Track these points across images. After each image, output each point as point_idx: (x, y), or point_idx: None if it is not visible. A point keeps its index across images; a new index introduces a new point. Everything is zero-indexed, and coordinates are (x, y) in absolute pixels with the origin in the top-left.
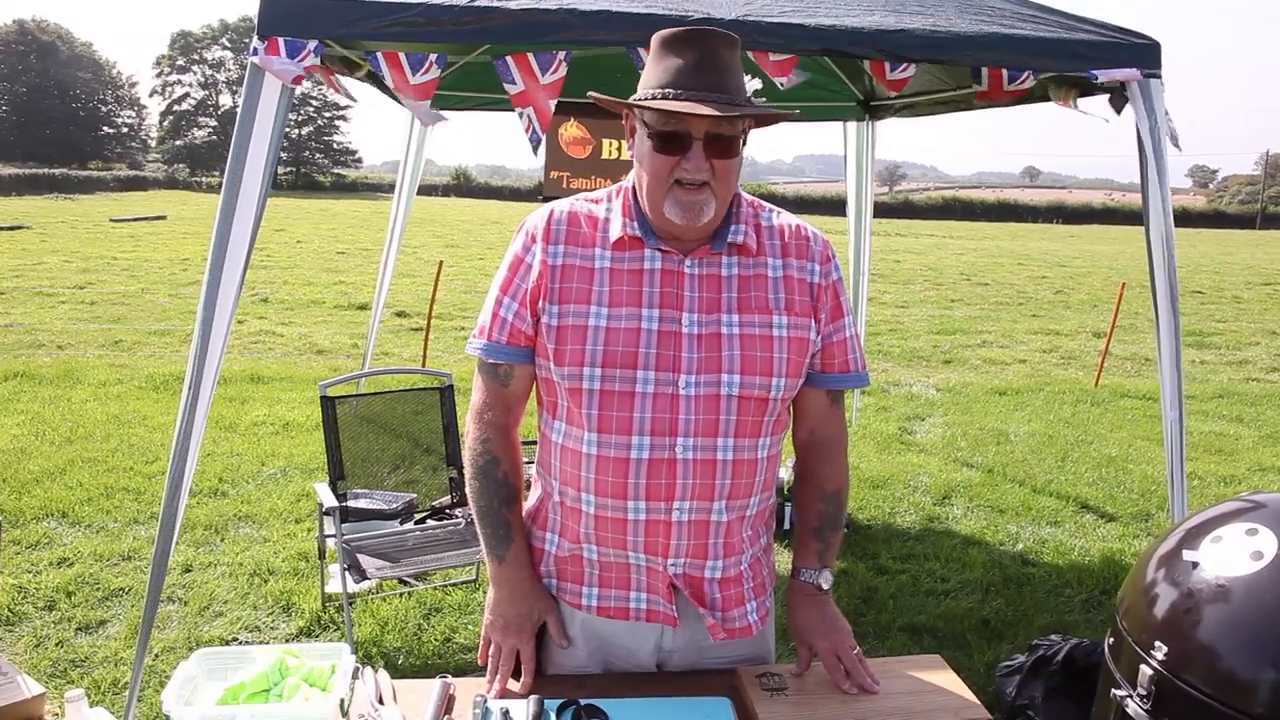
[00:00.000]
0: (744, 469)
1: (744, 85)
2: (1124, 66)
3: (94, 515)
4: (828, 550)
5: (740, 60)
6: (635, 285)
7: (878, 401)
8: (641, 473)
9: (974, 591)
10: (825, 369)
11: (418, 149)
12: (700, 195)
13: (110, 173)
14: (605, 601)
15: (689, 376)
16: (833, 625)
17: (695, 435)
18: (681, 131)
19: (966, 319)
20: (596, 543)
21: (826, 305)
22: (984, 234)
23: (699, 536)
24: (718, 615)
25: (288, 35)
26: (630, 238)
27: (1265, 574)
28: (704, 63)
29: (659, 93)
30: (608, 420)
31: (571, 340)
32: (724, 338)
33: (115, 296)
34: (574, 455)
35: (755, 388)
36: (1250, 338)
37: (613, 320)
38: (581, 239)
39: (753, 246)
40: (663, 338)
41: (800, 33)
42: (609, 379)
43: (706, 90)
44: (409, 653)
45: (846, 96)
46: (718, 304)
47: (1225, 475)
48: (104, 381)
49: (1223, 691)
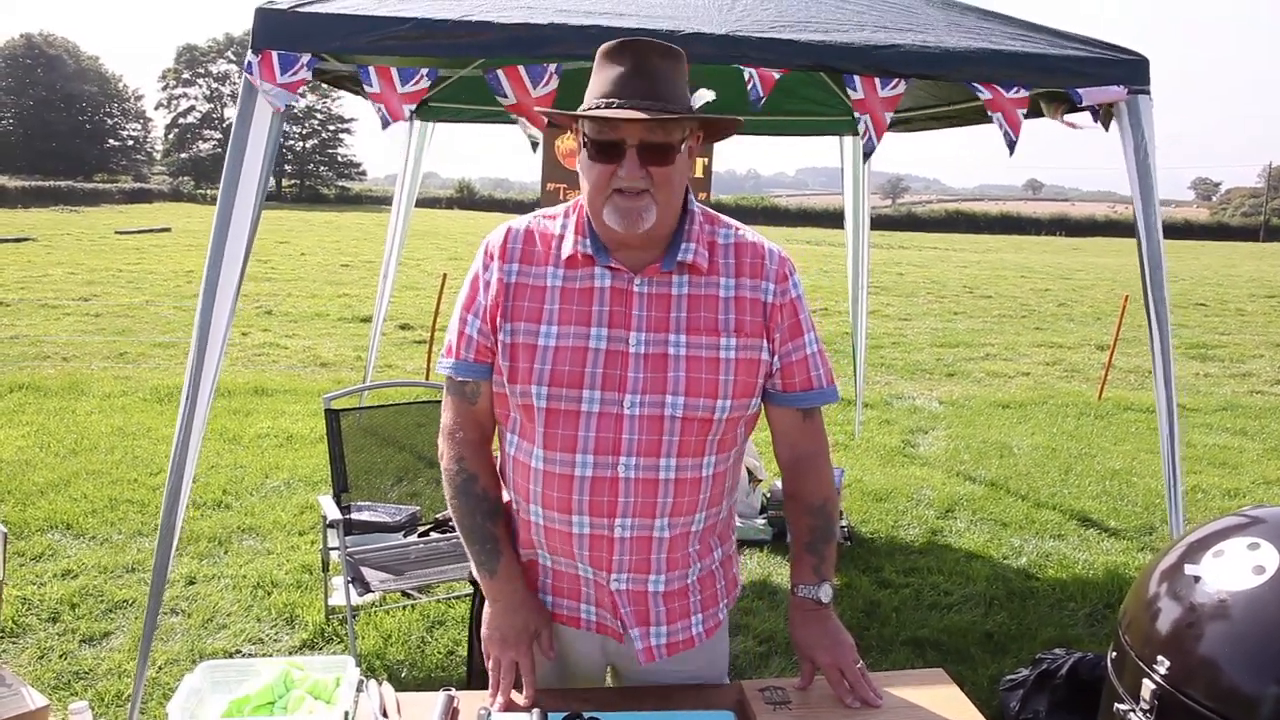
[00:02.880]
0: (686, 487)
1: (683, 94)
2: (1112, 83)
3: (98, 527)
4: (823, 563)
5: (683, 71)
6: (585, 304)
7: (881, 414)
8: (585, 490)
9: (977, 605)
10: (787, 388)
11: (416, 161)
12: (639, 202)
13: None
14: (559, 609)
15: (634, 396)
16: (835, 639)
17: (638, 455)
18: (615, 140)
19: (969, 331)
20: (548, 550)
21: (782, 324)
22: (987, 246)
23: (641, 552)
24: (659, 632)
25: (282, 49)
26: (582, 255)
27: (1267, 588)
28: (637, 72)
29: (596, 103)
30: (554, 438)
31: (523, 359)
32: (670, 359)
33: (120, 309)
34: (523, 468)
35: (699, 409)
36: (1254, 350)
37: (561, 339)
38: (535, 257)
39: (704, 265)
40: (609, 357)
41: (790, 48)
42: (555, 398)
43: (639, 98)
44: (412, 665)
45: (843, 110)
46: (665, 323)
47: (1229, 488)
48: (108, 393)
49: (1225, 706)
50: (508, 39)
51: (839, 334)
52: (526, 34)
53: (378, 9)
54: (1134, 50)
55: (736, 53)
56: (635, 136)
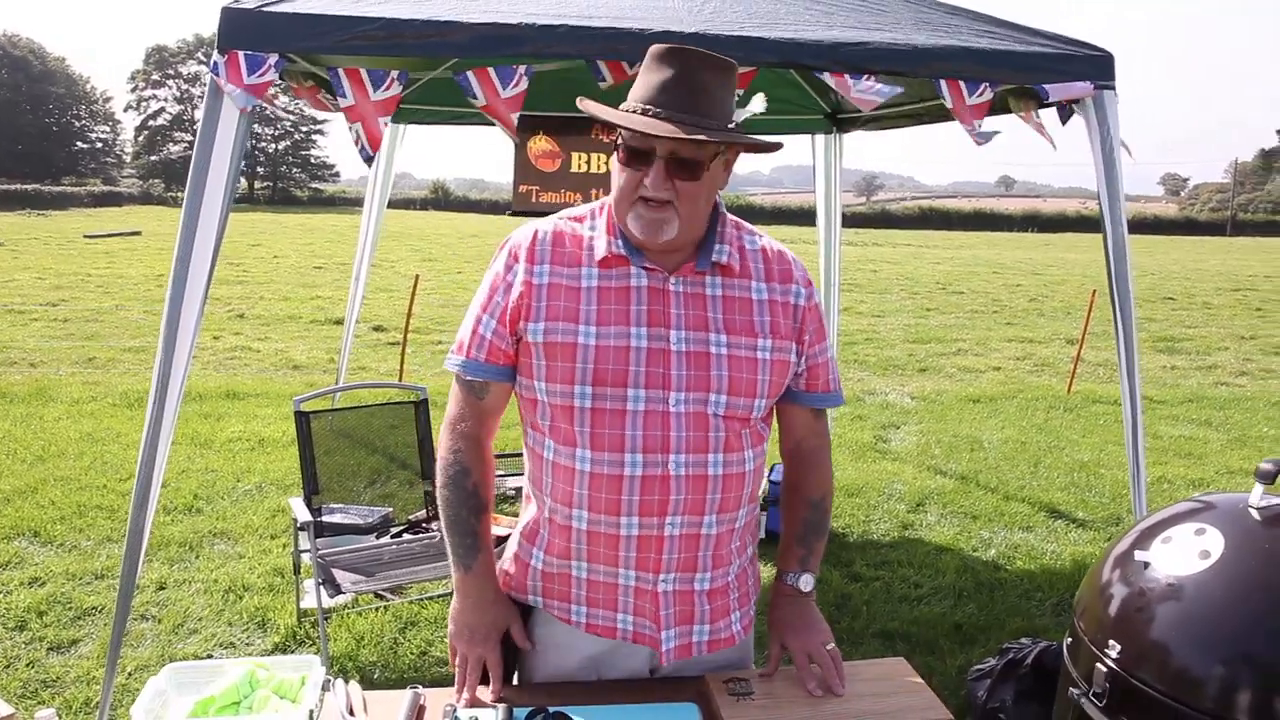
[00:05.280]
0: (733, 483)
1: (725, 109)
2: (1078, 79)
3: (66, 534)
4: (810, 555)
5: (730, 84)
6: (623, 304)
7: (853, 410)
8: (635, 489)
9: (947, 597)
10: (810, 389)
11: (387, 162)
12: (662, 214)
13: (84, 188)
14: (594, 620)
15: (678, 394)
16: (806, 623)
17: (687, 452)
18: (645, 148)
19: (942, 328)
20: (587, 559)
21: (811, 328)
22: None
23: (689, 550)
24: (701, 629)
25: (248, 49)
26: (615, 256)
27: (1212, 572)
28: (680, 81)
29: (636, 107)
30: (600, 438)
31: (561, 358)
32: (712, 357)
33: (89, 313)
34: (566, 472)
35: (740, 408)
36: (1219, 343)
37: (601, 339)
38: (567, 258)
39: (736, 268)
40: (651, 355)
41: (760, 45)
42: (600, 397)
43: (676, 109)
44: (385, 667)
45: (814, 109)
46: (704, 322)
47: (1194, 478)
48: (77, 399)
49: (1174, 688)
50: (477, 39)
51: None
52: (496, 34)
53: (345, 9)
54: (1099, 46)
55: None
56: (665, 148)
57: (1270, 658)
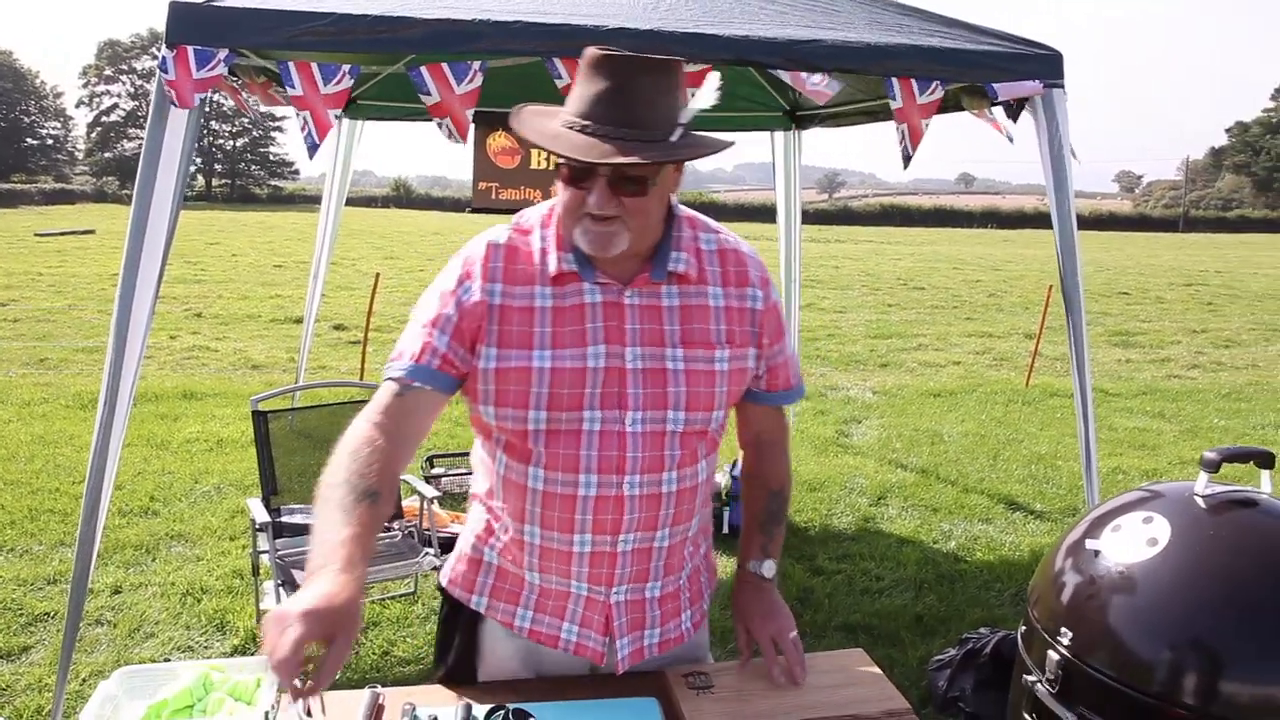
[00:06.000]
0: (686, 495)
1: (669, 115)
2: (1027, 78)
3: (17, 539)
4: (771, 543)
5: (672, 86)
6: (578, 323)
7: (815, 405)
8: (589, 509)
9: (908, 589)
10: (770, 388)
11: (345, 159)
12: (609, 227)
13: (35, 186)
14: (539, 626)
15: (634, 414)
16: (772, 611)
17: (642, 472)
18: (586, 166)
19: (903, 323)
20: (540, 570)
21: (769, 330)
22: (921, 239)
23: (642, 562)
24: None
25: (197, 44)
26: (567, 273)
27: (1159, 559)
28: (617, 91)
29: (573, 123)
30: (555, 458)
31: (515, 382)
32: (669, 374)
33: (40, 313)
34: (518, 489)
35: (697, 423)
36: (1172, 337)
37: (557, 361)
38: (520, 275)
39: (693, 275)
40: (608, 375)
41: (714, 42)
42: (555, 420)
43: (616, 124)
44: (347, 667)
45: (773, 106)
46: (660, 336)
47: (1148, 469)
48: (28, 401)
49: (1124, 673)
50: (430, 35)
51: None
52: (450, 30)
53: (296, 3)
54: (1048, 45)
55: (660, 47)
56: (606, 166)
57: (1215, 642)
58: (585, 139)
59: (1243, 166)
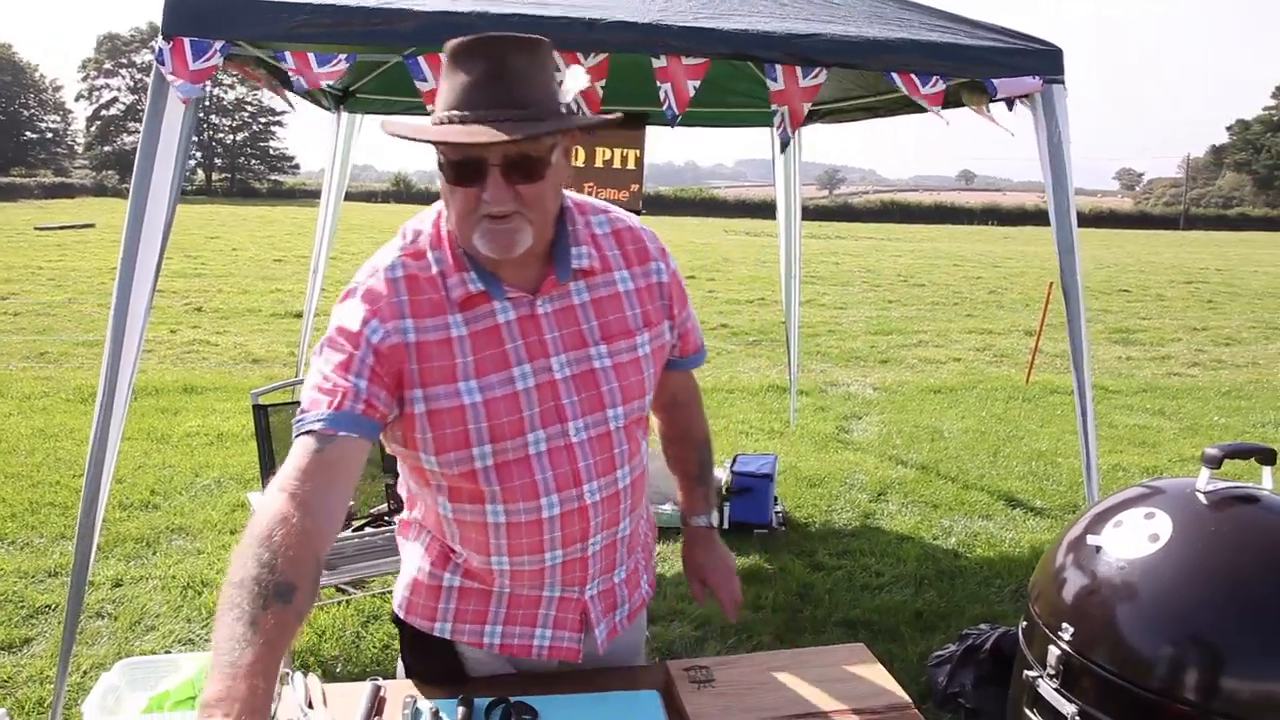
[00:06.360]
0: (639, 483)
1: (549, 93)
2: (1027, 73)
3: (18, 531)
4: (709, 492)
5: (547, 64)
6: (497, 346)
7: (816, 401)
8: (555, 527)
9: (908, 585)
10: (684, 354)
11: (344, 153)
12: (509, 224)
13: (34, 180)
14: (509, 640)
15: (575, 423)
16: (723, 561)
17: (598, 477)
18: (475, 159)
19: (903, 319)
20: (511, 585)
21: (677, 297)
22: (921, 236)
23: (609, 555)
24: (622, 611)
25: (194, 36)
26: (473, 295)
27: (1161, 555)
28: (490, 75)
29: (447, 117)
30: (512, 490)
31: (450, 424)
32: (598, 373)
33: (40, 307)
34: (478, 527)
35: (635, 411)
36: (1173, 334)
37: (486, 392)
38: (426, 306)
39: (597, 266)
40: (540, 391)
41: (712, 36)
42: (501, 451)
43: (496, 107)
44: (347, 660)
45: None
46: (580, 338)
47: (1148, 466)
48: (28, 394)
49: (1125, 668)
50: (426, 27)
51: (775, 323)
52: (446, 22)
53: None
54: (1048, 41)
55: (659, 41)
56: (497, 154)
57: (1216, 638)
58: (469, 128)
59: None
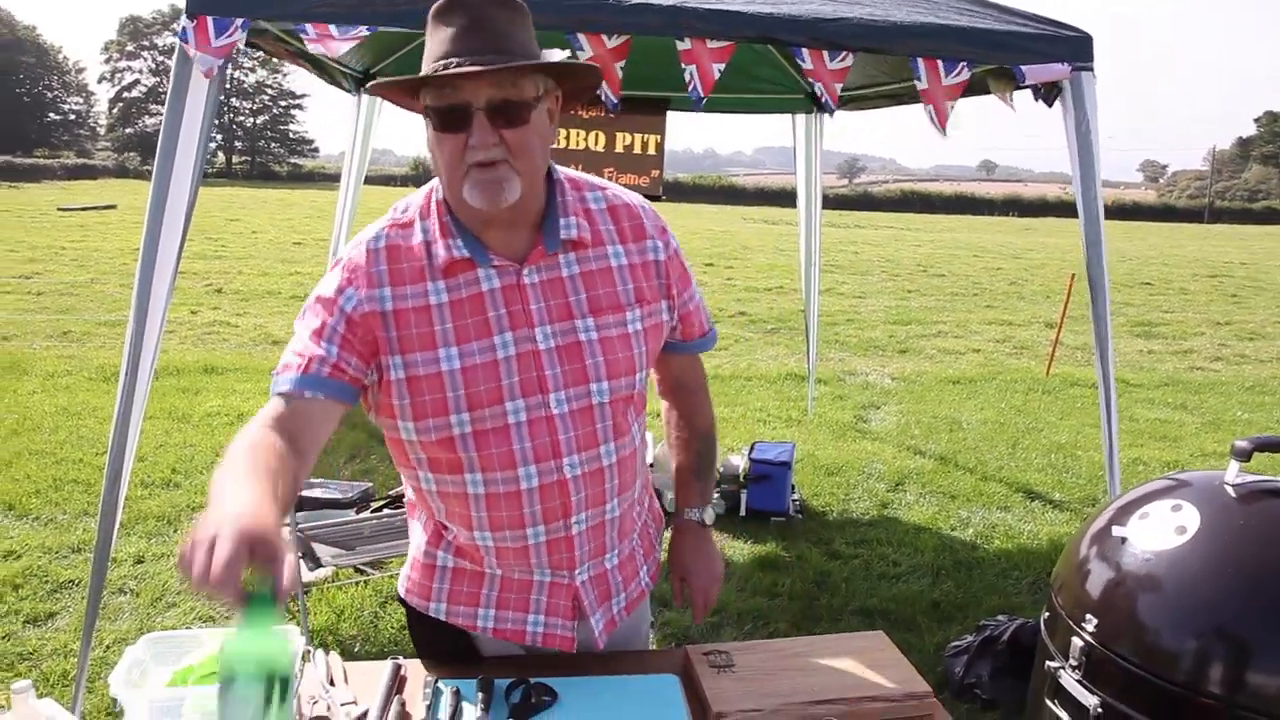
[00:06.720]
0: (627, 464)
1: (531, 48)
2: (1056, 60)
3: (42, 507)
4: (706, 487)
5: (527, 24)
6: (479, 313)
7: (834, 390)
8: (535, 500)
9: (925, 575)
10: (686, 337)
11: (365, 136)
12: (498, 172)
13: (57, 161)
14: (502, 624)
15: (557, 394)
16: (710, 562)
17: (578, 451)
18: (460, 104)
19: (922, 309)
20: (499, 564)
21: (676, 277)
22: (941, 226)
23: (597, 538)
24: (618, 600)
25: (217, 14)
26: (458, 261)
27: (1188, 548)
28: (474, 26)
29: (434, 67)
30: (489, 458)
31: (428, 390)
32: (584, 345)
33: (63, 287)
34: (459, 499)
35: (622, 389)
36: (1195, 328)
37: (466, 358)
38: (407, 274)
39: (588, 239)
40: (522, 361)
41: (738, 19)
42: (479, 419)
43: (479, 53)
44: (365, 640)
45: (795, 89)
46: (567, 310)
47: (1169, 461)
48: (52, 373)
49: (1149, 661)
50: None
51: (794, 311)
52: None
53: None
54: (1078, 27)
55: (683, 23)
56: (482, 97)
57: (1243, 632)
58: (451, 68)
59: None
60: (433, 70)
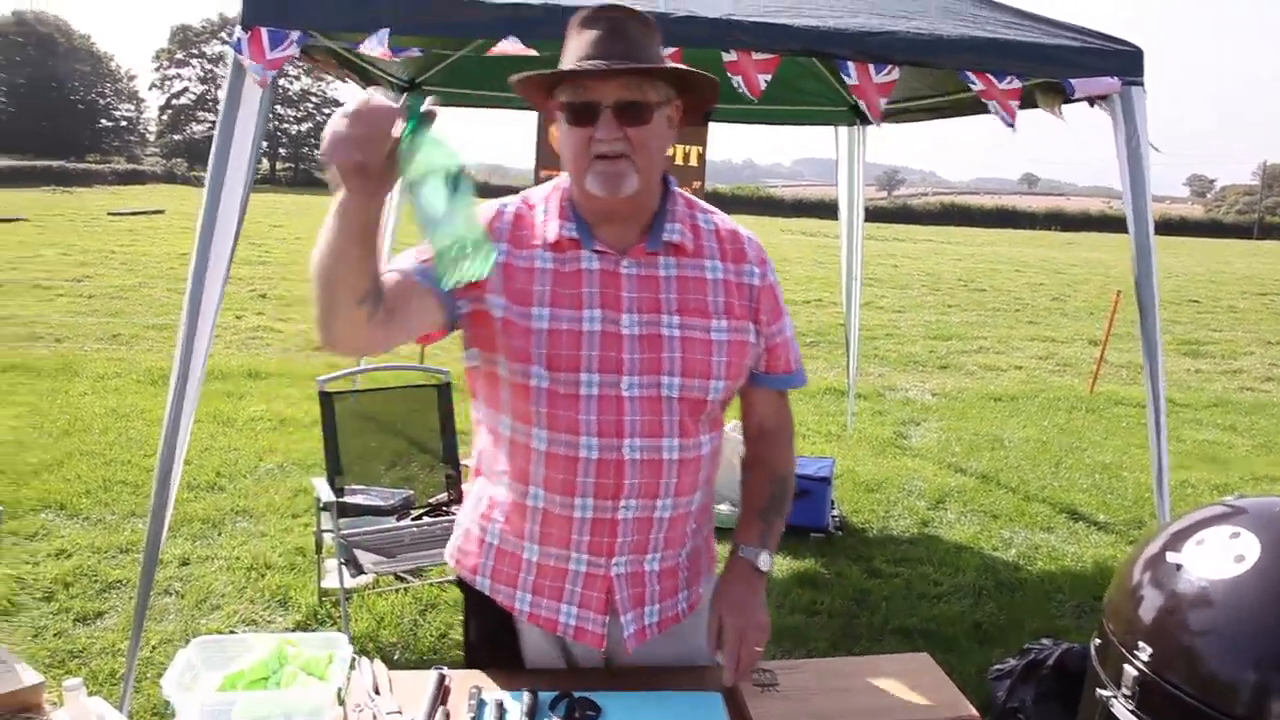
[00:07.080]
0: (688, 467)
1: (660, 57)
2: (1106, 74)
3: (92, 507)
4: (769, 532)
5: (657, 41)
6: (575, 287)
7: (873, 406)
8: (590, 471)
9: (966, 595)
10: (770, 369)
11: None
12: (618, 165)
13: (108, 166)
14: (537, 609)
15: (630, 378)
16: (753, 611)
17: (641, 436)
18: (590, 101)
19: (963, 325)
20: (540, 540)
21: (767, 307)
22: (982, 240)
23: (642, 532)
24: (652, 611)
25: (271, 26)
26: (567, 240)
27: (1247, 576)
28: (611, 35)
29: (571, 68)
30: (556, 419)
31: (519, 337)
32: (664, 339)
33: (113, 290)
34: (523, 450)
35: (694, 390)
36: (1245, 347)
37: (554, 322)
38: (524, 240)
39: (689, 247)
40: (604, 339)
41: (783, 33)
42: (555, 381)
43: (615, 58)
44: (405, 648)
45: (838, 101)
46: (656, 304)
47: (1218, 483)
48: (102, 375)
49: (1205, 692)
50: (499, 19)
51: (833, 325)
52: (519, 16)
53: None
54: (1128, 41)
55: (729, 36)
56: (610, 96)
57: None
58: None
59: None
60: (570, 69)
